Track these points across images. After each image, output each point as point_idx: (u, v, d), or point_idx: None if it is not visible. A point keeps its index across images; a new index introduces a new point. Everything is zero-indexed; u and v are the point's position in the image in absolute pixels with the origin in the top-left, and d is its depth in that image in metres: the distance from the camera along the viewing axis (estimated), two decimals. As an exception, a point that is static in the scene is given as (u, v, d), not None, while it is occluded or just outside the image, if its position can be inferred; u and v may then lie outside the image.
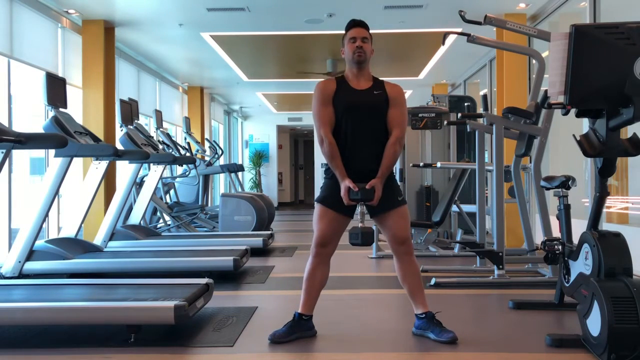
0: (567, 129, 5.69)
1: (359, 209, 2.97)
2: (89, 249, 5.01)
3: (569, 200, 3.53)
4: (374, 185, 2.92)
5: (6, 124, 4.82)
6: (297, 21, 7.40)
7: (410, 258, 3.06)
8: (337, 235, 3.06)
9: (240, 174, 11.64)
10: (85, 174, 5.14)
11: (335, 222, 3.03)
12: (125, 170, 5.57)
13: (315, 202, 3.11)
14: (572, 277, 3.15)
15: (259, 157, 16.51)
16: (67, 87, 4.55)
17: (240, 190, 9.86)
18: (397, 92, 3.07)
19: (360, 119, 3.00)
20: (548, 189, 3.72)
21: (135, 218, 6.32)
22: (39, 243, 4.55)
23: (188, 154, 8.21)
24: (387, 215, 3.02)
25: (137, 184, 6.83)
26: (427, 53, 9.25)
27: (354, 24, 3.09)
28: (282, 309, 3.69)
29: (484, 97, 5.41)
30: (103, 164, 4.86)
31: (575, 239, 3.22)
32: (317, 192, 3.17)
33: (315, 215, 3.07)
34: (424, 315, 3.06)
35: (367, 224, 2.98)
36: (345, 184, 2.94)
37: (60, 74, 6.59)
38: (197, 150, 9.52)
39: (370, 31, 3.08)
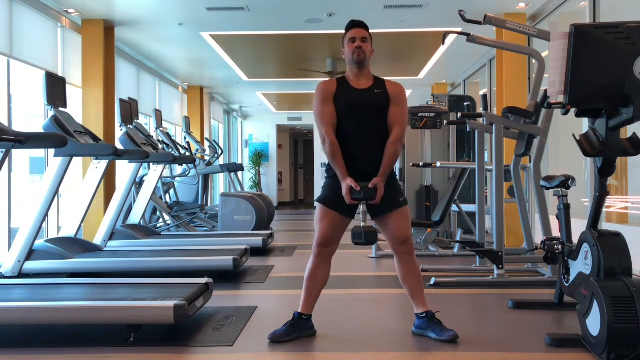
0: (567, 129, 5.69)
1: (360, 207, 2.95)
2: (89, 249, 5.01)
3: (568, 200, 3.53)
4: (376, 184, 2.92)
5: (6, 123, 4.82)
6: (297, 21, 7.40)
7: (411, 258, 3.07)
8: (338, 235, 3.07)
9: (240, 173, 11.64)
10: (85, 174, 5.13)
11: (336, 223, 3.03)
12: (125, 169, 5.57)
13: (316, 202, 3.11)
14: (572, 277, 3.15)
15: (259, 157, 16.51)
16: (67, 86, 4.55)
17: (240, 189, 9.86)
18: (398, 91, 3.07)
19: (361, 118, 3.00)
20: (548, 188, 3.72)
21: (135, 218, 6.32)
22: (39, 242, 4.55)
23: (188, 154, 8.21)
24: (389, 216, 3.02)
25: (137, 184, 6.83)
26: (427, 53, 9.25)
27: (353, 24, 3.10)
28: (282, 308, 3.68)
29: (484, 96, 5.41)
30: (103, 164, 4.86)
31: (575, 239, 3.22)
32: (317, 192, 3.17)
33: (317, 216, 3.07)
34: (424, 315, 3.06)
35: (369, 222, 2.97)
36: (347, 183, 2.93)
37: (60, 74, 6.59)
38: (197, 150, 9.52)
39: (370, 31, 3.09)
